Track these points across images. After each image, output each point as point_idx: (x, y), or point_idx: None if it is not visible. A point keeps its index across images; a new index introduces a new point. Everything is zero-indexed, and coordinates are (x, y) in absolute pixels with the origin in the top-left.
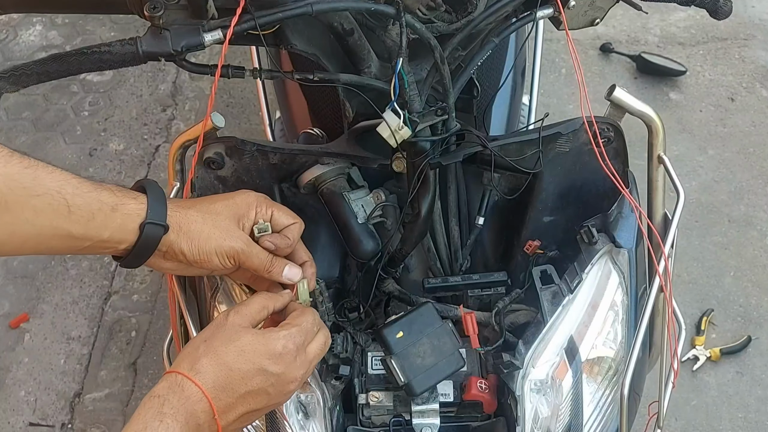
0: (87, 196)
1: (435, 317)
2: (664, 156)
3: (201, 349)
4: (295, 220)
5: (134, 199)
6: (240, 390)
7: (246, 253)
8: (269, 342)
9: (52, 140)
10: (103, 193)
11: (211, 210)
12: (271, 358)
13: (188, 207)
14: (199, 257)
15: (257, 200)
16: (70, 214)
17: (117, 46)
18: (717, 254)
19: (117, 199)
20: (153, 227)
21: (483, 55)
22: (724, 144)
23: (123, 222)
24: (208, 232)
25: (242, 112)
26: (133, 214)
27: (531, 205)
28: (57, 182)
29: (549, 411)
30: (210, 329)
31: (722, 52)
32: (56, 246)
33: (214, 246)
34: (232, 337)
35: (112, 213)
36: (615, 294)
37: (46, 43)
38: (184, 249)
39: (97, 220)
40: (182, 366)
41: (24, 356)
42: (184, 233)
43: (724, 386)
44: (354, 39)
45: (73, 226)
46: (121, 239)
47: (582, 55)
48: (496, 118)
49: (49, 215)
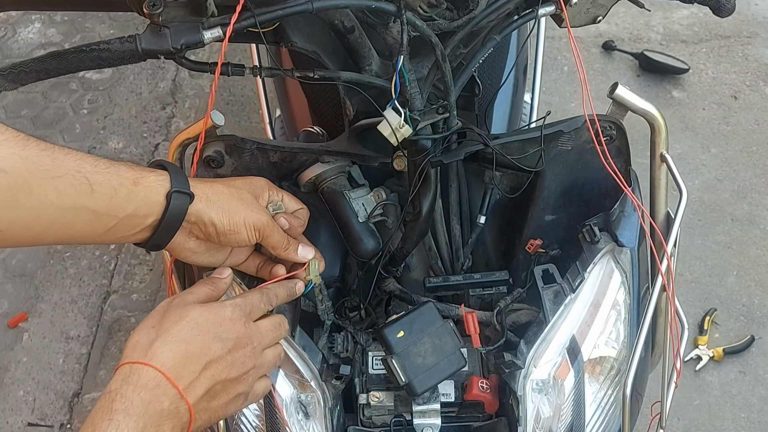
0: (106, 172)
1: (436, 317)
2: (666, 154)
3: (152, 334)
4: (302, 206)
5: (153, 173)
6: (201, 361)
7: (270, 226)
8: (218, 310)
9: (51, 138)
10: (121, 168)
11: (234, 185)
12: (222, 324)
13: (211, 182)
14: (229, 227)
15: (268, 184)
16: (92, 192)
17: (116, 43)
18: (720, 253)
19: (137, 173)
20: (179, 196)
21: (484, 53)
22: (728, 142)
23: (146, 195)
24: (236, 204)
25: (242, 110)
26: (155, 185)
27: (533, 203)
28: (75, 162)
29: (551, 411)
30: (155, 316)
31: (725, 50)
32: (82, 229)
33: (243, 216)
34: (182, 314)
35: (134, 186)
36: (617, 293)
37: (45, 40)
38: (215, 219)
39: (120, 195)
40: (134, 356)
41: (23, 355)
42: (213, 203)
43: (727, 386)
44: (355, 36)
45: (96, 203)
46: (147, 212)
47: (584, 52)
48: (497, 116)
49: (72, 195)
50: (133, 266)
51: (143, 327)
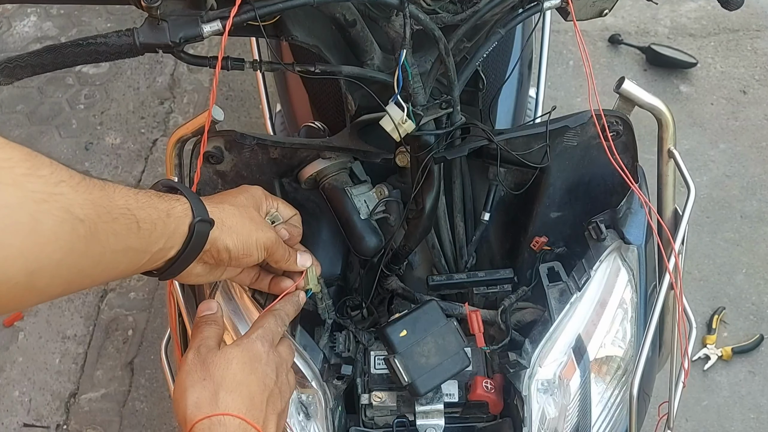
0: (147, 206)
1: (439, 315)
2: (674, 150)
3: (209, 387)
4: (295, 211)
5: (177, 201)
6: (263, 398)
7: (276, 243)
8: (252, 347)
9: (47, 134)
10: (156, 200)
11: (239, 203)
12: (261, 358)
13: (220, 202)
14: (243, 251)
15: (264, 193)
16: (139, 231)
17: (113, 37)
18: (729, 251)
19: (167, 204)
20: (202, 225)
21: (488, 47)
22: (736, 138)
23: (176, 226)
24: (248, 225)
25: (242, 105)
26: (182, 215)
27: (538, 200)
28: (124, 199)
29: (556, 411)
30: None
31: (734, 43)
32: (122, 269)
33: (254, 238)
34: (227, 359)
35: (167, 219)
36: (624, 291)
37: (41, 34)
38: (229, 244)
39: (158, 230)
40: (203, 410)
41: (18, 355)
42: (227, 227)
43: (736, 386)
44: (356, 30)
45: (139, 241)
46: (172, 245)
47: (590, 46)
48: (502, 112)
49: (124, 236)
50: None
51: (194, 383)
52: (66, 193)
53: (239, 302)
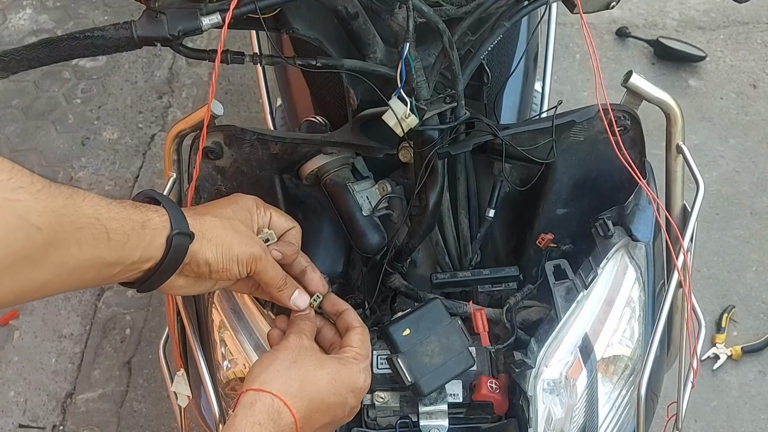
0: (120, 217)
1: (443, 314)
2: (683, 145)
3: (293, 371)
4: (293, 224)
5: (155, 212)
6: (322, 421)
7: (263, 261)
8: (353, 375)
9: (43, 129)
10: (131, 210)
11: (225, 215)
12: (353, 391)
13: (203, 213)
14: (223, 265)
15: (255, 202)
16: (108, 241)
17: (111, 30)
18: (738, 248)
19: (143, 215)
20: (181, 237)
21: (493, 40)
22: (746, 133)
23: (152, 238)
24: (230, 237)
25: (242, 99)
26: (159, 227)
27: (544, 196)
28: (93, 207)
29: (563, 412)
30: (293, 350)
31: (744, 36)
32: (89, 279)
33: (236, 252)
34: (322, 363)
35: (142, 230)
36: (632, 290)
37: (37, 27)
38: (209, 257)
39: (131, 241)
40: (275, 386)
41: (13, 355)
42: (207, 240)
43: (746, 386)
44: (359, 23)
45: (110, 252)
46: (148, 257)
47: (597, 39)
48: (507, 106)
49: (92, 246)
50: None
51: (282, 359)
52: (23, 199)
53: (239, 301)
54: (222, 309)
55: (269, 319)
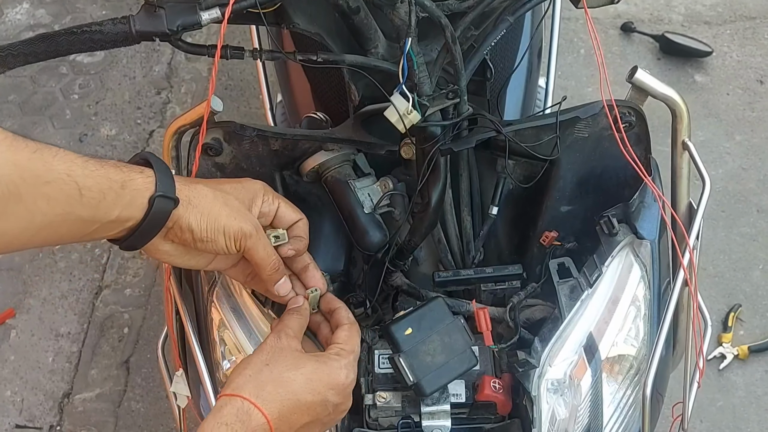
0: (95, 175)
1: (446, 313)
2: (688, 142)
3: (264, 374)
4: (301, 215)
5: (140, 173)
6: (301, 421)
7: (254, 238)
8: (333, 372)
9: (40, 125)
10: (111, 170)
11: (221, 188)
12: (334, 388)
13: (196, 182)
14: (207, 234)
15: (264, 188)
16: (81, 198)
17: (109, 25)
18: (745, 246)
19: (124, 175)
20: (163, 200)
21: (497, 35)
22: (753, 129)
23: (132, 198)
24: (219, 208)
25: (241, 95)
26: (141, 188)
27: (548, 193)
28: (65, 164)
29: (567, 412)
30: (267, 352)
31: (750, 31)
32: (64, 234)
33: (223, 223)
34: (297, 363)
35: (121, 190)
36: (637, 288)
37: (34, 21)
38: (192, 224)
39: (107, 199)
40: (246, 390)
41: (10, 354)
42: (193, 206)
43: (753, 386)
44: (360, 17)
45: (84, 209)
46: (129, 216)
47: (602, 34)
48: (510, 102)
49: (62, 202)
50: (126, 260)
51: (257, 360)
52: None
53: (238, 299)
54: (221, 308)
55: (269, 318)
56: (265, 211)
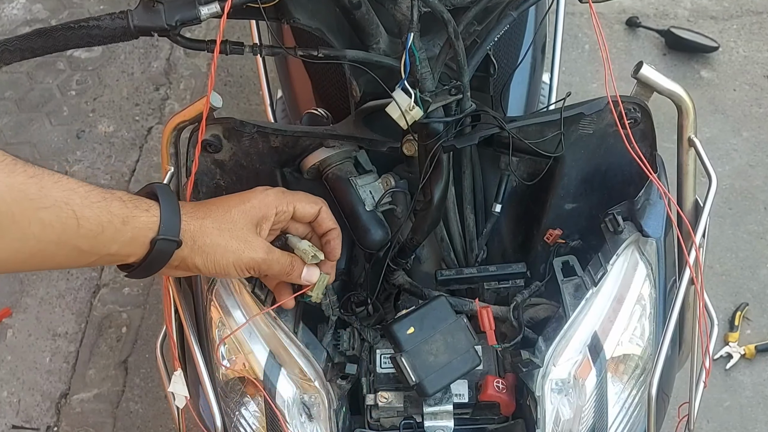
0: (96, 207)
1: (448, 312)
2: (695, 138)
3: None
4: (318, 205)
5: (146, 211)
6: None
7: (267, 262)
8: None
9: (37, 121)
10: (114, 203)
11: (228, 219)
12: None
13: (203, 217)
14: (214, 270)
15: (276, 199)
16: (78, 228)
17: (106, 20)
18: (752, 244)
19: (128, 211)
20: (165, 243)
21: (500, 30)
22: (760, 125)
23: (134, 236)
24: (225, 244)
25: (241, 91)
26: (144, 227)
27: (552, 191)
28: (64, 192)
29: (571, 413)
30: None
31: (758, 26)
32: (61, 261)
33: (232, 260)
34: None
35: (122, 226)
36: (642, 287)
37: (31, 17)
38: (198, 263)
39: (106, 233)
40: None
41: (6, 354)
42: (198, 247)
43: (760, 386)
44: (361, 12)
45: (81, 240)
46: (129, 253)
47: (606, 29)
48: (514, 98)
49: (57, 229)
50: None
51: None
52: None
53: (238, 298)
54: (221, 307)
55: (270, 317)
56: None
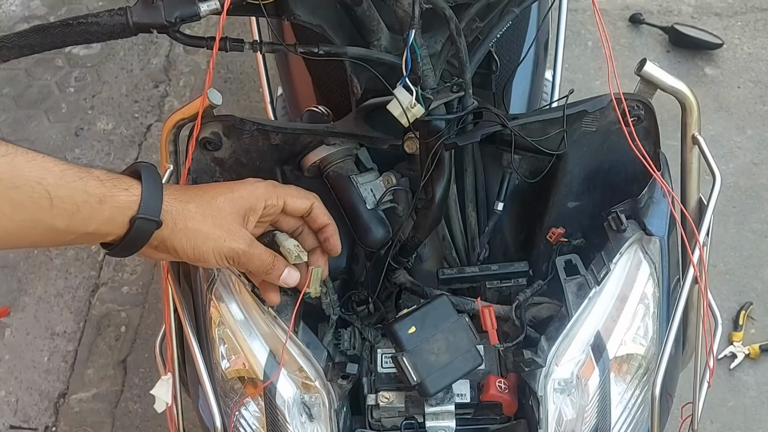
0: (71, 186)
1: (450, 311)
2: (698, 136)
3: None
4: (310, 199)
5: (126, 190)
6: None
7: (247, 254)
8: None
9: (35, 118)
10: (90, 182)
11: (213, 206)
12: None
13: (187, 200)
14: (193, 255)
15: (266, 192)
16: (52, 207)
17: (105, 16)
18: (756, 243)
19: (105, 190)
20: (145, 222)
21: (502, 27)
22: (765, 123)
23: (111, 215)
24: (207, 230)
25: (241, 88)
26: (123, 206)
27: (554, 189)
28: (37, 171)
29: (574, 413)
30: None
31: (762, 23)
32: (38, 239)
33: (212, 246)
34: None
35: (99, 205)
36: (645, 286)
37: (29, 13)
38: (177, 246)
39: (82, 212)
40: None
41: (4, 353)
42: (179, 230)
43: (765, 386)
44: (362, 9)
45: (55, 219)
46: (108, 231)
47: (610, 26)
48: (516, 95)
49: (29, 209)
50: None
51: None
52: None
53: (238, 297)
54: (221, 306)
55: (270, 316)
56: (269, 212)
